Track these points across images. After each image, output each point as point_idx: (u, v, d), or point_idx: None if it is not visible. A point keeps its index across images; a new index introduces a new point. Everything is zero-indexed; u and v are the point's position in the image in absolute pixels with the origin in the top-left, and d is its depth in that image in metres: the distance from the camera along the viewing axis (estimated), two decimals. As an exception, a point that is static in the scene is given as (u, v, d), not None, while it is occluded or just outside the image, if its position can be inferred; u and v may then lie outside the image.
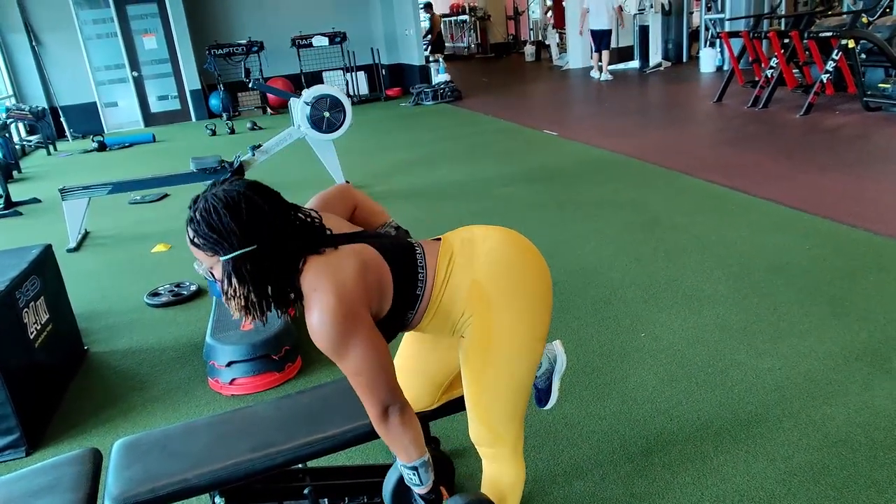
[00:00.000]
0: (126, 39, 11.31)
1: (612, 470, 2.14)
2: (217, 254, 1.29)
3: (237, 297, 1.31)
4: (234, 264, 1.28)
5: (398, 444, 1.43)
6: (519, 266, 1.48)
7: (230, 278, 1.29)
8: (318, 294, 1.29)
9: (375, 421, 1.39)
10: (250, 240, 1.27)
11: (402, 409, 1.40)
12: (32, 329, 2.74)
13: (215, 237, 1.27)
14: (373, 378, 1.34)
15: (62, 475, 1.68)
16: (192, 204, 1.32)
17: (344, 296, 1.29)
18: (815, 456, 2.11)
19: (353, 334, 1.29)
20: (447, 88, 11.28)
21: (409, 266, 1.42)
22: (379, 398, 1.36)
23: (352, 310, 1.29)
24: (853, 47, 6.91)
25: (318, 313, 1.28)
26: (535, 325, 1.48)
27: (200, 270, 1.36)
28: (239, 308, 1.33)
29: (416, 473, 1.46)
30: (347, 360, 1.32)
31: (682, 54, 13.04)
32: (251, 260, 1.28)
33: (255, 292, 1.31)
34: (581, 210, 4.81)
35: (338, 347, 1.30)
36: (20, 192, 6.92)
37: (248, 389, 2.81)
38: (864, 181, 4.84)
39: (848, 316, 2.94)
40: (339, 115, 5.55)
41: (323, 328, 1.28)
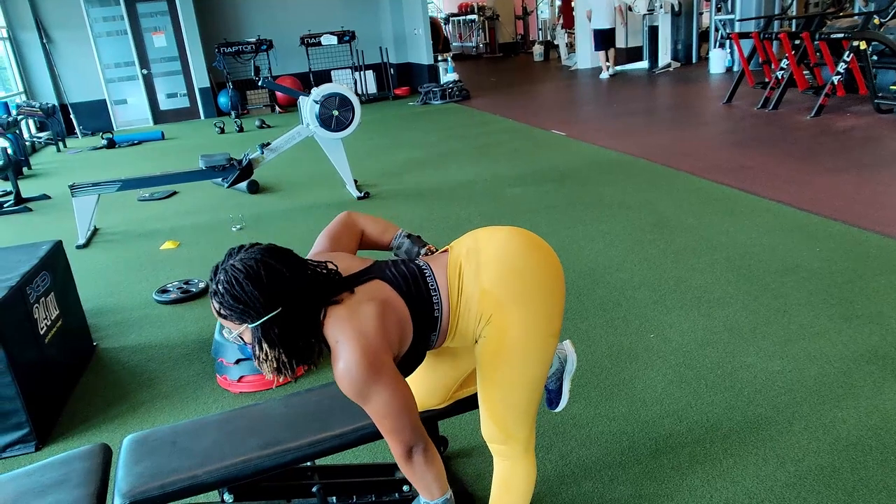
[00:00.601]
0: (136, 37, 11.36)
1: (621, 471, 2.13)
2: (245, 322, 1.33)
3: (269, 360, 1.36)
4: (263, 330, 1.33)
5: (421, 482, 1.46)
6: (526, 265, 1.48)
7: (260, 344, 1.34)
8: (341, 345, 1.34)
9: (400, 461, 1.43)
10: (274, 304, 1.32)
11: (426, 448, 1.43)
12: (42, 325, 2.75)
13: (241, 307, 1.31)
14: (396, 420, 1.38)
15: (72, 470, 1.69)
16: (213, 276, 1.35)
17: (367, 345, 1.33)
18: (826, 459, 2.09)
19: (377, 381, 1.33)
20: (455, 88, 11.27)
21: (422, 292, 1.45)
22: (403, 439, 1.40)
23: (375, 358, 1.33)
24: (865, 49, 6.87)
25: (343, 363, 1.33)
26: (548, 321, 1.48)
27: (230, 337, 1.39)
28: (272, 370, 1.38)
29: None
30: (372, 404, 1.36)
31: (692, 55, 12.99)
32: (278, 323, 1.33)
33: (285, 353, 1.36)
34: (590, 211, 4.79)
35: (363, 394, 1.34)
36: (30, 189, 6.96)
37: (257, 387, 2.81)
38: (875, 183, 4.81)
39: (859, 318, 2.92)
40: (347, 114, 5.55)
41: (348, 377, 1.32)
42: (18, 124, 8.65)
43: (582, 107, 10.23)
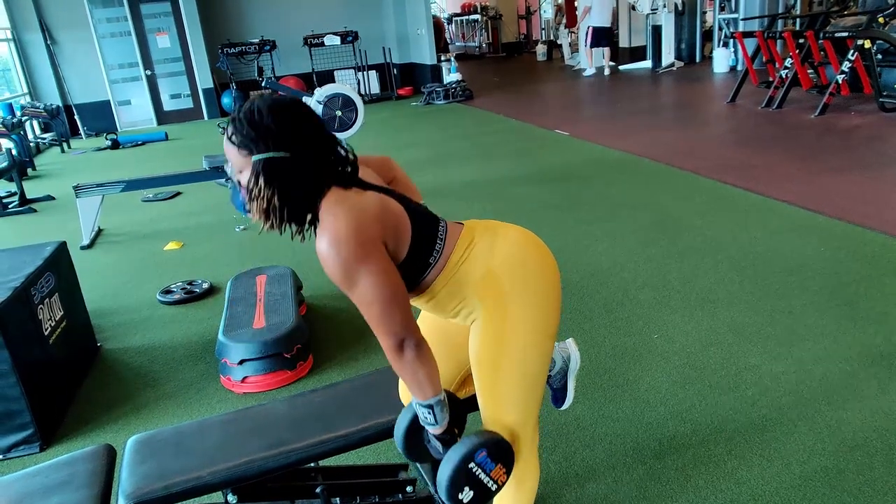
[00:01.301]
0: (139, 38, 11.38)
1: (625, 473, 2.13)
2: (250, 153, 1.30)
3: (260, 199, 1.32)
4: (265, 165, 1.29)
5: (413, 380, 1.40)
6: (534, 264, 1.48)
7: (258, 178, 1.30)
8: (333, 218, 1.29)
9: (390, 354, 1.37)
10: (285, 145, 1.29)
11: (418, 344, 1.37)
12: (47, 325, 2.75)
13: (253, 135, 1.29)
14: (385, 308, 1.31)
15: (76, 471, 1.69)
16: (238, 107, 1.34)
17: (360, 224, 1.29)
18: (831, 460, 2.08)
19: (366, 261, 1.28)
20: (458, 88, 11.27)
21: (429, 232, 1.43)
22: (392, 330, 1.33)
23: (366, 236, 1.29)
24: (869, 48, 6.85)
25: (330, 235, 1.28)
26: (548, 321, 1.48)
27: (230, 171, 1.37)
28: (260, 211, 1.33)
29: (430, 412, 1.44)
30: (358, 287, 1.30)
31: (696, 54, 12.95)
32: (281, 166, 1.30)
33: (279, 196, 1.31)
34: (594, 210, 4.79)
35: (349, 273, 1.28)
36: (34, 190, 6.98)
37: (260, 387, 2.81)
38: (880, 183, 4.79)
39: (864, 319, 2.91)
40: (351, 114, 5.56)
41: (334, 250, 1.27)
42: (23, 125, 8.67)
43: (585, 106, 10.22)
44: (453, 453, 1.45)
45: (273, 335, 2.84)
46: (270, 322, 2.96)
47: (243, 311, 3.10)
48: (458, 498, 1.46)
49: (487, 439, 1.47)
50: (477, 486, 1.46)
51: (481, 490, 1.47)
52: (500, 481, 1.49)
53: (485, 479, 1.46)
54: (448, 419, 1.47)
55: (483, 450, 1.45)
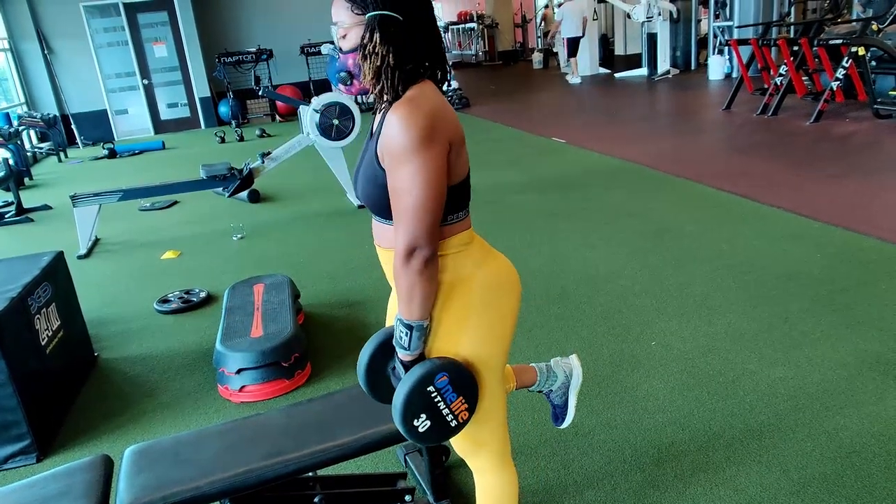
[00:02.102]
0: (136, 47, 11.41)
1: (624, 480, 2.12)
2: (364, 10, 1.28)
3: (374, 56, 1.29)
4: (381, 22, 1.27)
5: (407, 292, 1.32)
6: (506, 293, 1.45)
7: (373, 34, 1.28)
8: (417, 99, 1.28)
9: (399, 257, 1.30)
10: (401, 8, 1.28)
11: (430, 258, 1.30)
12: (44, 335, 2.75)
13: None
14: (417, 205, 1.26)
15: (74, 482, 1.68)
16: None
17: (441, 115, 1.29)
18: (829, 467, 2.09)
19: (425, 149, 1.25)
20: (455, 96, 11.30)
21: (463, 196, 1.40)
22: (413, 231, 1.27)
23: (436, 129, 1.27)
24: (863, 55, 6.89)
25: (407, 111, 1.26)
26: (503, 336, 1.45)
27: (336, 34, 1.34)
28: (373, 69, 1.30)
29: (408, 333, 1.35)
30: (404, 169, 1.26)
31: (691, 62, 13.04)
32: (395, 26, 1.28)
33: (393, 55, 1.29)
34: (590, 218, 4.80)
35: (407, 149, 1.25)
36: (31, 199, 6.97)
37: (258, 397, 2.81)
38: (875, 189, 4.81)
39: (860, 325, 2.92)
40: (348, 123, 5.56)
41: (403, 124, 1.25)
42: (20, 135, 8.67)
43: (582, 114, 10.25)
44: (412, 373, 1.36)
45: (271, 344, 2.83)
46: (268, 331, 2.95)
47: (241, 319, 3.10)
48: (414, 425, 1.36)
49: (449, 363, 1.37)
50: (435, 415, 1.37)
51: (439, 422, 1.37)
52: (460, 417, 1.40)
53: (444, 409, 1.37)
54: (421, 350, 1.38)
55: (444, 374, 1.35)
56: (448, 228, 1.37)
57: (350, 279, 4.04)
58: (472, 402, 1.41)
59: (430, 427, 1.37)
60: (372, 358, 1.51)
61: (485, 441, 1.52)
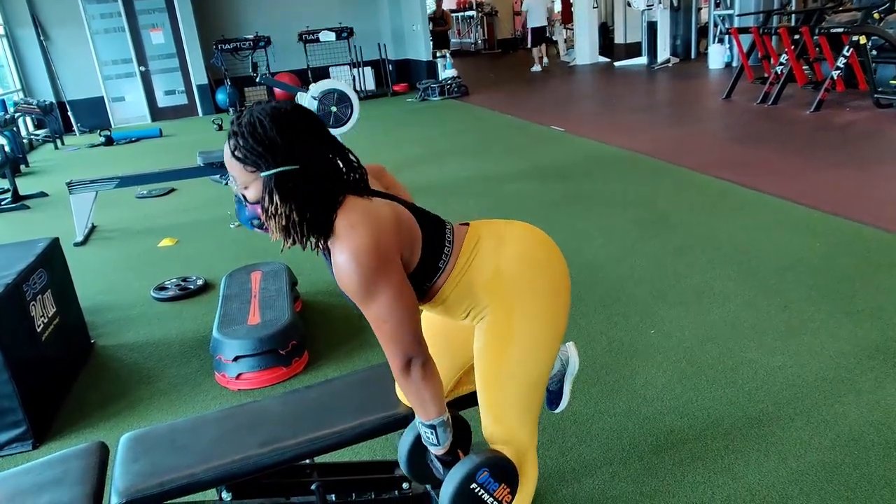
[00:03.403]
0: (133, 34, 11.33)
1: (622, 468, 2.12)
2: (258, 169, 1.24)
3: (278, 216, 1.26)
4: (276, 181, 1.24)
5: (417, 399, 1.39)
6: (543, 262, 1.47)
7: (272, 195, 1.25)
8: (353, 230, 1.25)
9: (397, 373, 1.36)
10: (295, 158, 1.24)
11: (425, 363, 1.36)
12: (39, 322, 2.73)
13: (260, 150, 1.22)
14: (398, 326, 1.30)
15: (69, 469, 1.67)
16: (236, 119, 1.27)
17: (380, 237, 1.26)
18: (828, 455, 2.08)
19: (383, 277, 1.26)
20: (454, 84, 11.25)
21: (437, 236, 1.41)
22: (402, 349, 1.32)
23: (385, 253, 1.26)
24: (864, 43, 6.85)
25: (350, 250, 1.24)
26: (555, 321, 1.48)
27: (236, 188, 1.31)
28: (279, 228, 1.28)
29: (433, 432, 1.43)
30: (374, 304, 1.28)
31: (691, 50, 12.97)
32: (294, 179, 1.24)
33: (297, 210, 1.26)
34: (589, 207, 4.78)
35: (366, 289, 1.26)
36: (28, 186, 6.94)
37: (255, 384, 2.80)
38: (875, 178, 4.80)
39: (860, 314, 2.91)
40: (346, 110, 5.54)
41: (354, 265, 1.24)
42: (16, 122, 8.62)
43: (581, 102, 10.21)
44: (455, 473, 1.43)
45: (268, 331, 2.82)
46: (265, 318, 2.94)
47: (238, 307, 3.08)
48: None
49: (490, 459, 1.45)
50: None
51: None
52: (504, 500, 1.47)
53: (488, 499, 1.44)
54: (451, 440, 1.46)
55: (485, 469, 1.43)
56: (449, 263, 1.41)
57: (348, 267, 4.02)
58: (514, 486, 1.49)
59: None
60: (410, 452, 1.62)
61: (518, 433, 1.53)
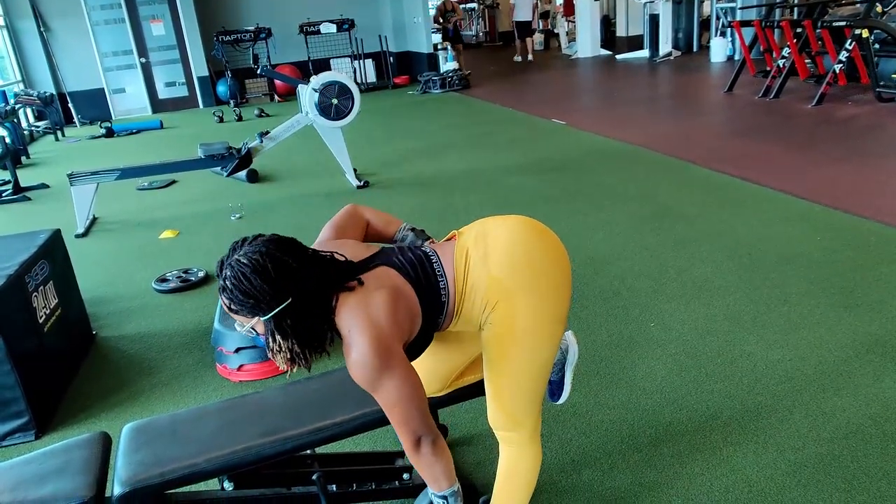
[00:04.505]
0: (134, 25, 11.29)
1: (621, 459, 2.13)
2: (256, 314, 1.33)
3: (283, 352, 1.36)
4: (275, 322, 1.33)
5: (429, 473, 1.47)
6: (535, 251, 1.49)
7: (273, 335, 1.35)
8: (353, 334, 1.34)
9: (408, 450, 1.44)
10: (283, 296, 1.32)
11: (435, 440, 1.44)
12: (41, 313, 2.74)
13: (251, 302, 1.31)
14: (406, 410, 1.38)
15: (72, 458, 1.68)
16: (219, 272, 1.34)
17: (379, 334, 1.34)
18: (826, 447, 2.09)
19: (388, 369, 1.34)
20: (455, 77, 11.22)
21: (429, 277, 1.46)
22: (412, 429, 1.40)
23: (387, 347, 1.34)
24: (867, 37, 6.83)
25: (356, 353, 1.33)
26: (556, 307, 1.49)
27: (242, 331, 1.39)
28: (285, 361, 1.38)
29: (446, 502, 1.50)
30: (382, 393, 1.37)
31: (693, 43, 12.93)
32: (289, 314, 1.33)
33: (298, 343, 1.36)
34: (591, 200, 4.78)
35: (374, 382, 1.35)
36: (28, 178, 6.94)
37: (256, 375, 2.81)
38: (877, 172, 4.79)
39: (859, 307, 2.92)
40: (347, 103, 5.53)
41: (361, 365, 1.33)
42: (16, 113, 8.61)
43: (582, 96, 10.19)
44: None
45: (269, 323, 2.82)
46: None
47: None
48: None
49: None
50: None
51: None
52: None
53: None
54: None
55: None
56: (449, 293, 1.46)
57: (349, 259, 4.03)
58: None
59: None
60: None
61: (524, 418, 1.57)
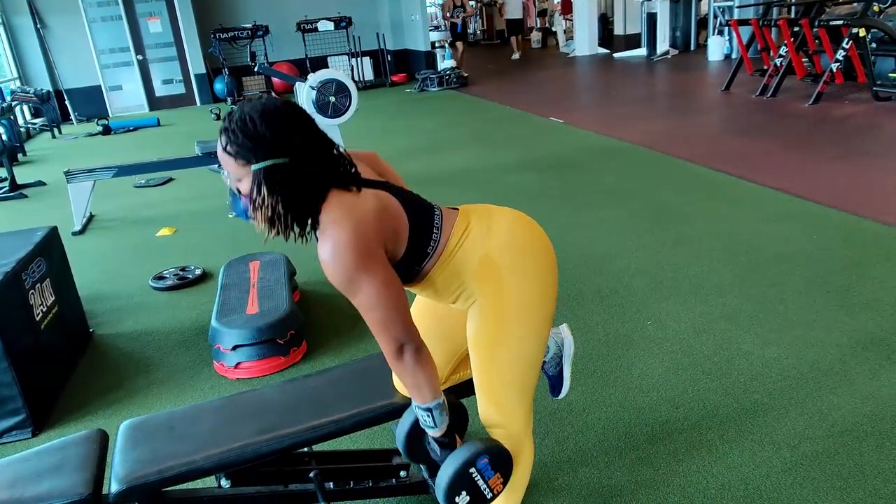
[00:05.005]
0: (131, 22, 11.27)
1: (618, 457, 2.14)
2: (248, 162, 1.29)
3: (264, 208, 1.31)
4: (265, 174, 1.29)
5: (412, 383, 1.42)
6: (530, 247, 1.50)
7: (259, 187, 1.30)
8: (335, 226, 1.30)
9: (390, 359, 1.39)
10: (283, 151, 1.29)
11: (418, 348, 1.39)
12: (38, 311, 2.74)
13: (249, 144, 1.28)
14: (386, 314, 1.33)
15: (69, 455, 1.68)
16: (227, 116, 1.32)
17: (361, 231, 1.30)
18: (822, 445, 2.10)
19: (367, 268, 1.30)
20: (453, 75, 11.22)
21: (425, 223, 1.44)
22: (393, 335, 1.35)
23: (367, 245, 1.31)
24: (864, 36, 6.84)
25: (333, 245, 1.29)
26: (544, 304, 1.50)
27: (227, 181, 1.36)
28: (265, 219, 1.33)
29: (430, 415, 1.46)
30: (360, 294, 1.32)
31: (690, 42, 12.94)
32: (281, 171, 1.29)
33: (282, 203, 1.31)
34: (588, 198, 4.78)
35: (351, 281, 1.30)
36: (25, 175, 6.92)
37: (254, 373, 2.81)
38: (873, 171, 4.81)
39: (855, 306, 2.93)
40: (344, 100, 5.53)
41: (337, 260, 1.29)
42: (13, 110, 8.59)
43: (580, 94, 10.19)
44: (457, 456, 1.48)
45: (266, 321, 2.83)
46: (264, 308, 2.95)
47: (236, 296, 3.09)
48: (455, 501, 1.49)
49: (491, 447, 1.51)
50: (474, 491, 1.50)
51: (477, 496, 1.51)
52: (496, 490, 1.53)
53: (482, 485, 1.50)
54: (447, 423, 1.50)
55: (486, 456, 1.48)
56: (437, 249, 1.44)
57: (346, 257, 4.03)
58: (507, 477, 1.54)
59: (469, 501, 1.51)
60: (408, 435, 1.65)
61: (515, 414, 1.56)
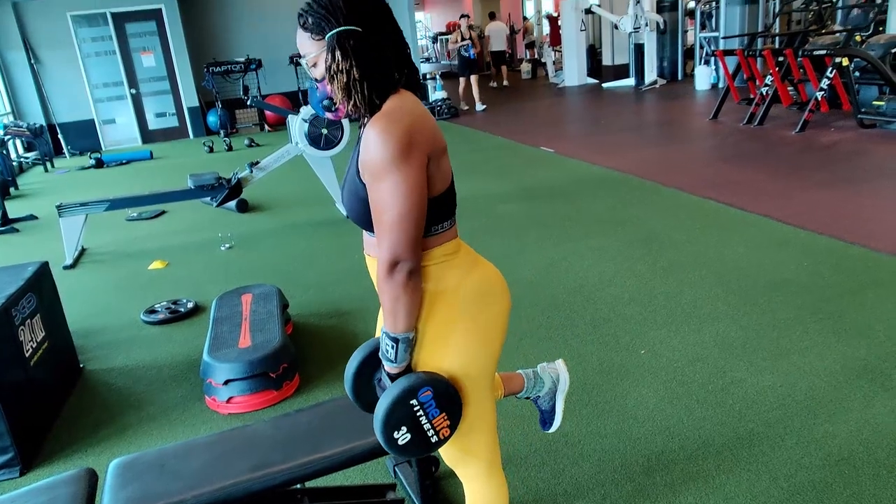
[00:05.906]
0: (124, 57, 11.36)
1: (614, 489, 2.12)
2: (323, 32, 1.29)
3: (341, 73, 1.30)
4: (338, 38, 1.29)
5: (391, 307, 1.32)
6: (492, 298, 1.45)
7: (334, 53, 1.29)
8: (393, 113, 1.29)
9: (382, 272, 1.31)
10: (357, 20, 1.29)
11: (413, 271, 1.31)
12: (28, 347, 2.71)
13: (324, 13, 1.28)
14: (397, 220, 1.27)
15: (57, 496, 1.66)
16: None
17: (415, 127, 1.29)
18: (818, 474, 2.09)
19: (404, 161, 1.26)
20: (444, 105, 11.33)
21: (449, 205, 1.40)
22: (394, 245, 1.28)
23: (414, 142, 1.27)
24: (847, 65, 6.98)
25: (383, 127, 1.27)
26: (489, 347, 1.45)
27: (306, 61, 1.36)
28: (341, 87, 1.31)
29: (394, 346, 1.35)
30: (382, 185, 1.27)
31: (678, 72, 13.15)
32: (355, 40, 1.29)
33: (357, 68, 1.30)
34: (579, 227, 4.81)
35: (384, 166, 1.26)
36: (17, 209, 6.91)
37: (246, 408, 2.78)
38: (860, 198, 4.86)
39: (847, 332, 2.94)
40: (336, 132, 5.56)
41: (380, 142, 1.26)
42: (5, 144, 8.61)
43: (570, 124, 10.30)
44: (396, 385, 1.36)
45: (259, 354, 2.81)
46: (256, 341, 2.93)
47: (228, 330, 3.08)
48: (394, 437, 1.36)
49: (437, 380, 1.37)
50: (416, 429, 1.37)
51: (419, 436, 1.38)
52: (441, 434, 1.40)
53: (425, 424, 1.37)
54: (407, 362, 1.39)
55: (429, 388, 1.35)
56: (432, 239, 1.38)
57: (339, 289, 4.03)
58: (454, 420, 1.41)
59: (409, 440, 1.38)
60: (360, 368, 1.52)
61: (473, 450, 1.51)
